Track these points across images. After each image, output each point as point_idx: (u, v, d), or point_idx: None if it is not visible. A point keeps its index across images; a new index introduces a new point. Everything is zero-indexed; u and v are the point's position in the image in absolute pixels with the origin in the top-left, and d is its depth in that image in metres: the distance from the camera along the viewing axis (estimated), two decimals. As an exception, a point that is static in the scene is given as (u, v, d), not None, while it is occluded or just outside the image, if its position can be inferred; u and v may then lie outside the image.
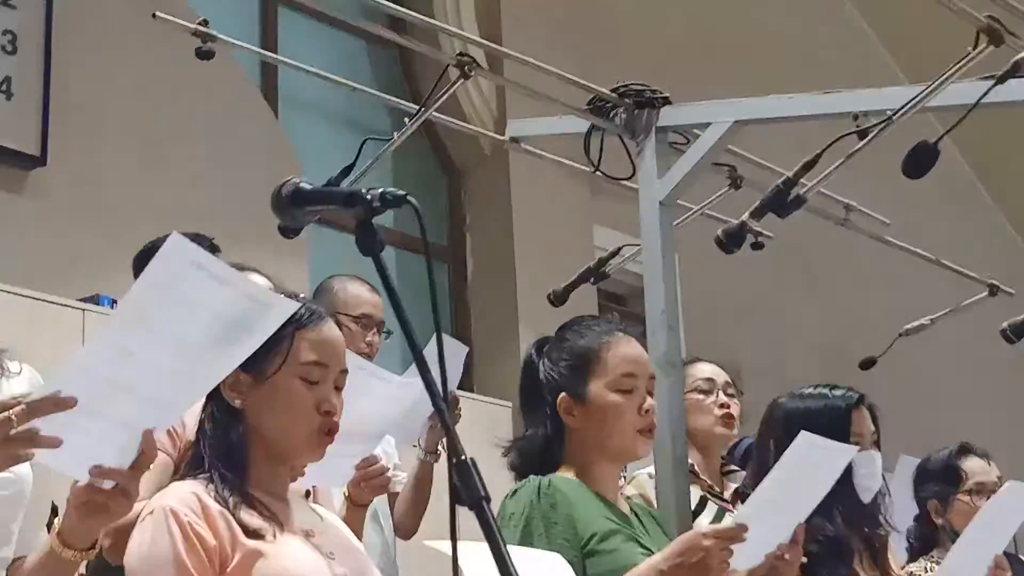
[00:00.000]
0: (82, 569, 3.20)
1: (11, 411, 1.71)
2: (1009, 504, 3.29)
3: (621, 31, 7.95)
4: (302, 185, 2.01)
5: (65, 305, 4.64)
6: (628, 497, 3.13)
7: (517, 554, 2.38)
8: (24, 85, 5.42)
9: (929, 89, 3.34)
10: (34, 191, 5.41)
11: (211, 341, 1.84)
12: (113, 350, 1.76)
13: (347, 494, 3.12)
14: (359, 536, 2.86)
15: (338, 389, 2.30)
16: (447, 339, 3.54)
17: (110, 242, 4.96)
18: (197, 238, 3.65)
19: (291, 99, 6.77)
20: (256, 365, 2.21)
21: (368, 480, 3.05)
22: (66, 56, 5.55)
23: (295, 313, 2.24)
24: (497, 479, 2.89)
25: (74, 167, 5.50)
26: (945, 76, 3.30)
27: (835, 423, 3.16)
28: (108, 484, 1.85)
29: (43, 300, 4.63)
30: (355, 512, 3.12)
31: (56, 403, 1.72)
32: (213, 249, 3.63)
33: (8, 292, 4.54)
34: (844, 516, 3.21)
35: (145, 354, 1.78)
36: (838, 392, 3.38)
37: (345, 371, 2.32)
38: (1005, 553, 3.92)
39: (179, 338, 1.80)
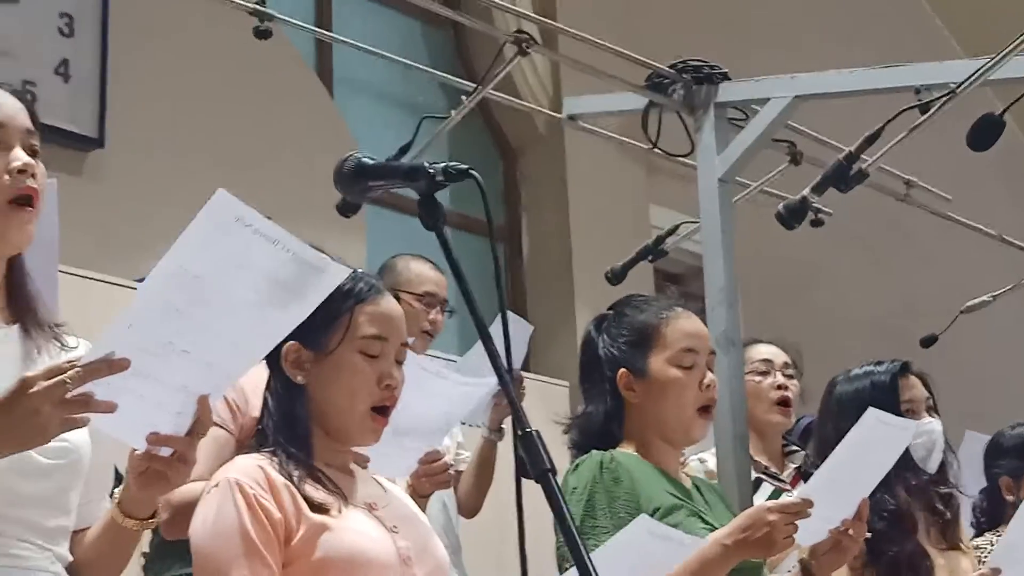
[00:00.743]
0: (145, 548, 3.27)
1: (66, 374, 1.70)
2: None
3: (677, 5, 7.90)
4: (365, 160, 2.01)
5: (122, 285, 4.66)
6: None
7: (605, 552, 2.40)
8: (81, 67, 5.46)
9: (993, 62, 3.30)
10: (92, 173, 5.45)
11: (260, 302, 1.82)
12: (159, 306, 1.75)
13: (409, 485, 3.12)
14: None
15: (399, 363, 2.30)
16: (512, 317, 3.55)
17: (166, 223, 4.97)
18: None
19: (346, 79, 6.78)
20: (317, 341, 2.22)
21: (430, 475, 3.04)
22: (123, 38, 5.58)
23: (353, 288, 2.26)
24: (558, 458, 2.91)
25: (131, 148, 5.52)
26: (1009, 48, 3.26)
27: (883, 395, 3.14)
28: (165, 451, 1.85)
29: (100, 280, 4.67)
30: (417, 502, 3.12)
31: (110, 365, 1.72)
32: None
33: (66, 272, 4.56)
34: (906, 489, 3.19)
35: (192, 311, 1.76)
36: (882, 366, 3.37)
37: (406, 344, 2.32)
38: None
39: (226, 295, 1.79)
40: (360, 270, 2.33)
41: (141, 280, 4.88)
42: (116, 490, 2.00)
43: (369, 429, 2.27)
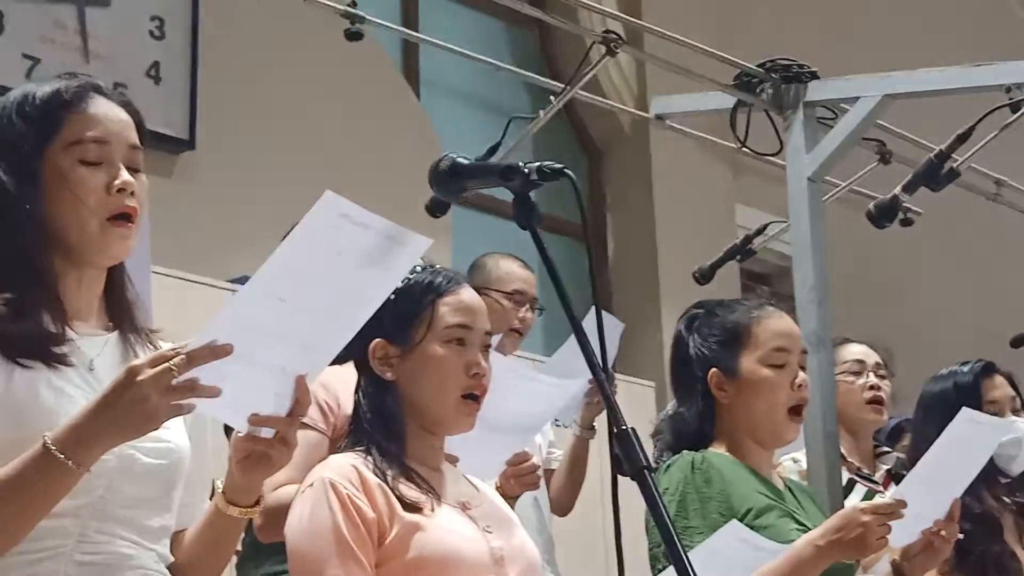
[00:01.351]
0: (238, 545, 3.30)
1: (171, 361, 1.73)
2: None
3: (765, 4, 7.86)
4: (460, 159, 2.03)
5: (214, 286, 4.72)
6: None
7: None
8: (172, 70, 5.54)
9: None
10: (183, 174, 5.52)
11: (352, 281, 1.86)
12: (265, 298, 1.79)
13: (498, 485, 3.13)
14: None
15: (484, 351, 2.32)
16: (605, 315, 3.54)
17: (257, 223, 5.03)
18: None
19: (432, 81, 6.81)
20: (402, 336, 2.26)
21: (519, 476, 3.04)
22: (213, 40, 5.65)
23: (433, 281, 2.30)
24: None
25: (222, 150, 5.60)
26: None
27: (966, 396, 3.11)
28: (267, 432, 1.87)
29: (193, 281, 4.72)
30: (507, 503, 3.13)
31: (214, 350, 1.74)
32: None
33: (159, 273, 4.62)
34: (992, 490, 3.16)
35: (296, 301, 1.80)
36: (965, 367, 3.34)
37: (489, 333, 2.35)
38: None
39: (328, 285, 1.83)
40: (438, 264, 2.36)
41: (233, 280, 4.95)
42: (218, 481, 2.03)
43: (463, 414, 2.29)
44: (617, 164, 7.38)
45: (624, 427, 1.73)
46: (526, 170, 1.91)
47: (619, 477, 1.83)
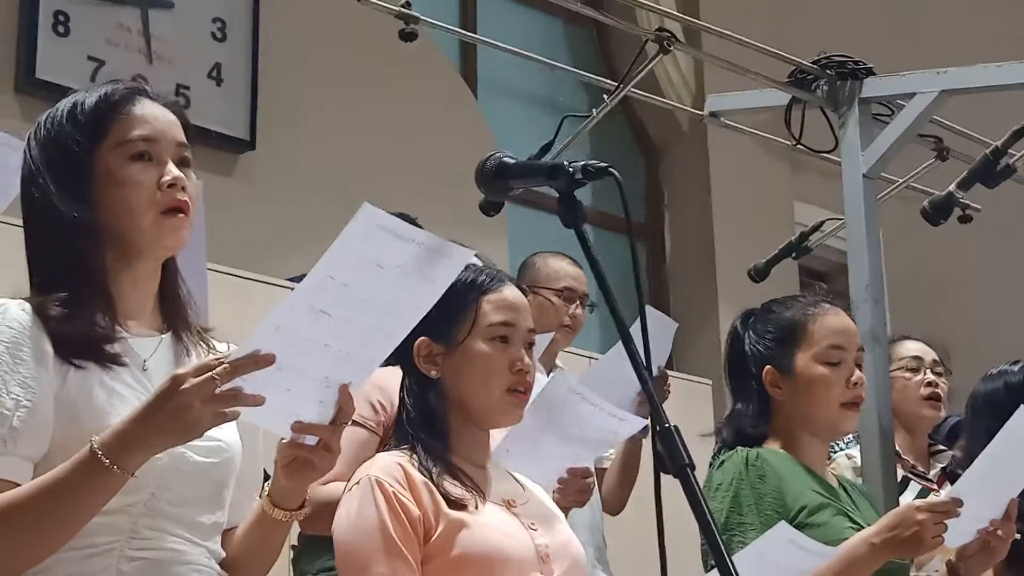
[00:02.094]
0: (294, 540, 3.34)
1: (215, 370, 1.76)
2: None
3: (820, 1, 7.82)
4: (506, 159, 2.04)
5: (274, 284, 4.76)
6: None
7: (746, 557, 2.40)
8: (233, 71, 5.60)
9: None
10: (243, 174, 5.58)
11: (395, 292, 1.88)
12: (308, 311, 1.81)
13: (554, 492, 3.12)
14: None
15: (528, 348, 2.33)
16: (657, 314, 3.55)
17: (316, 222, 5.07)
18: (401, 216, 3.73)
19: (489, 81, 6.83)
20: (446, 334, 2.28)
21: (571, 487, 2.98)
22: (273, 42, 5.71)
23: (476, 280, 2.32)
24: (701, 457, 2.90)
25: (281, 150, 5.64)
26: None
27: (1017, 396, 3.07)
28: (311, 440, 1.89)
29: (253, 279, 4.75)
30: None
31: (256, 360, 1.77)
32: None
33: (219, 272, 4.67)
34: None
35: (338, 313, 1.82)
36: (1017, 366, 3.29)
37: (533, 330, 2.36)
38: None
39: (370, 297, 1.85)
40: (481, 263, 2.37)
41: (292, 278, 4.99)
42: (265, 484, 2.05)
43: (510, 406, 2.30)
44: (675, 162, 7.37)
45: (667, 425, 1.74)
46: (570, 169, 1.92)
47: (665, 476, 1.84)
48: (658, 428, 1.75)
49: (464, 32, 4.69)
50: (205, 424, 1.80)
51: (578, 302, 3.88)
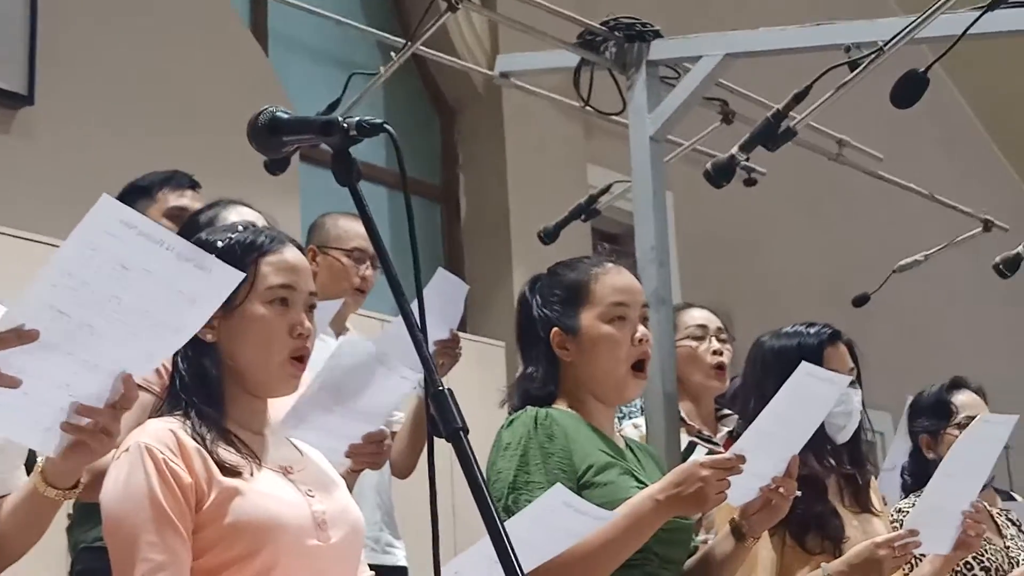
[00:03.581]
0: (69, 508, 3.23)
1: None
2: (984, 437, 3.26)
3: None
4: (279, 114, 1.98)
5: (55, 245, 4.60)
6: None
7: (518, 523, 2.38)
8: (10, 23, 5.36)
9: (920, 19, 3.30)
10: (21, 130, 5.36)
11: (151, 305, 1.83)
12: (44, 310, 1.75)
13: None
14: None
15: (309, 312, 2.29)
16: (448, 275, 3.52)
17: (98, 181, 4.91)
18: (177, 174, 3.64)
19: (281, 37, 6.71)
20: None
21: (363, 451, 2.99)
22: (53, -7, 5.50)
23: (255, 241, 2.26)
24: (493, 418, 2.90)
25: (62, 106, 5.44)
26: (936, 6, 3.26)
27: (809, 359, 3.12)
28: (86, 421, 1.84)
29: (32, 240, 4.60)
30: (348, 477, 3.10)
31: (20, 335, 1.71)
32: (193, 185, 3.62)
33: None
34: (817, 454, 3.19)
35: (80, 315, 1.77)
36: (812, 329, 3.34)
37: (314, 293, 2.31)
38: (994, 488, 3.93)
39: (113, 298, 1.79)
40: (259, 224, 2.32)
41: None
42: (40, 459, 1.98)
43: (288, 376, 2.25)
44: (470, 124, 7.34)
45: (440, 388, 1.72)
46: (345, 125, 1.87)
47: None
48: (431, 390, 1.72)
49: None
50: None
51: (368, 263, 3.84)
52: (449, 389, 1.72)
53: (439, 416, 1.69)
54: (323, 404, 2.51)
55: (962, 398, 3.90)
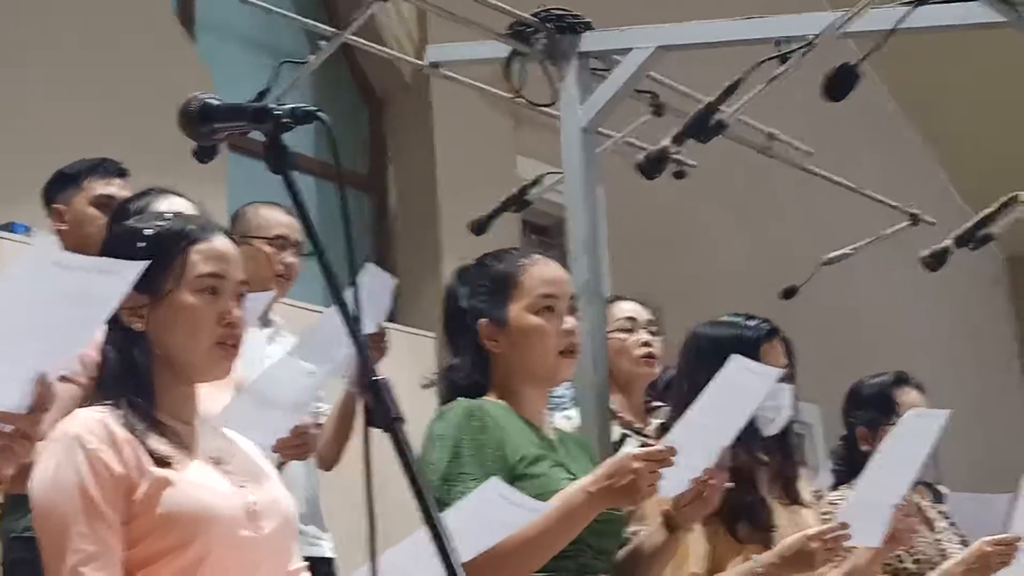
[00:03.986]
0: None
1: None
2: (916, 432, 3.29)
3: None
4: (210, 101, 1.96)
5: (-31, 233, 4.54)
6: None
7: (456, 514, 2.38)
8: (-68, 5, 5.27)
9: (850, 14, 3.33)
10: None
11: (58, 319, 1.83)
12: None
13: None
14: None
15: (238, 300, 2.26)
16: (375, 269, 3.51)
17: (24, 168, 4.84)
18: (105, 162, 3.60)
19: (209, 23, 6.64)
20: (151, 285, 2.17)
21: (288, 443, 3.03)
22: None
23: (184, 229, 2.24)
24: (424, 409, 2.88)
25: (-16, 90, 5.36)
26: (865, 2, 3.29)
27: (744, 355, 3.14)
28: (9, 428, 1.84)
29: (-48, 228, 4.54)
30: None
31: None
32: (122, 173, 3.58)
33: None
34: (747, 447, 3.21)
35: None
36: (751, 323, 3.34)
37: (244, 282, 2.29)
38: (924, 483, 3.97)
39: (20, 324, 1.80)
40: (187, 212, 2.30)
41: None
42: None
43: (218, 359, 2.23)
44: (399, 114, 7.31)
45: (376, 378, 1.70)
46: (278, 112, 1.86)
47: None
48: (366, 381, 1.71)
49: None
50: None
51: (291, 250, 3.82)
52: (385, 379, 1.71)
53: (376, 406, 1.68)
54: (247, 410, 2.55)
55: (906, 395, 3.91)
